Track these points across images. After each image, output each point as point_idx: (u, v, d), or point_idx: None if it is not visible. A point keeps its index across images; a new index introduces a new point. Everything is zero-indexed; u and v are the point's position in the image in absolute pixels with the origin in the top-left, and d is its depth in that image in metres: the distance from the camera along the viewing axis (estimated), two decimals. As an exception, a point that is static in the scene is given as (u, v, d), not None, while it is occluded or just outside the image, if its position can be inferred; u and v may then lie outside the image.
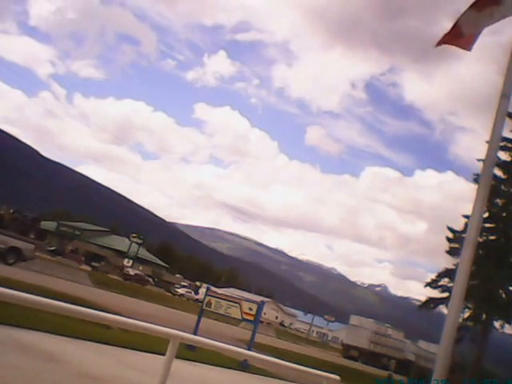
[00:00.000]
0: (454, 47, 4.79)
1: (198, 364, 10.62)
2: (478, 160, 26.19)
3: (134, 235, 67.46)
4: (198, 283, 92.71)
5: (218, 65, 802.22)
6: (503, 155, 27.03)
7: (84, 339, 9.05)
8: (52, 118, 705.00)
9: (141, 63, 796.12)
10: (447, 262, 28.48)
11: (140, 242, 67.34)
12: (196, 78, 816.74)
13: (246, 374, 12.19)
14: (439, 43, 4.78)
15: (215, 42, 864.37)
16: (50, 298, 3.37)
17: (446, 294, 27.66)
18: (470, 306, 27.50)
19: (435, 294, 29.30)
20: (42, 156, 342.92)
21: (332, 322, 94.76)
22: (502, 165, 26.93)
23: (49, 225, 77.05)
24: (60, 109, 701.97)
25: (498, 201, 27.79)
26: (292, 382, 11.32)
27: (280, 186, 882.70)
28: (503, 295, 27.87)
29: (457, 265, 21.10)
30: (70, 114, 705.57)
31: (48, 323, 8.69)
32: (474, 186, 22.74)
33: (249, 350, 11.76)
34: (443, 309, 28.59)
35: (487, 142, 5.07)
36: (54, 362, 6.95)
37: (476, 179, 25.14)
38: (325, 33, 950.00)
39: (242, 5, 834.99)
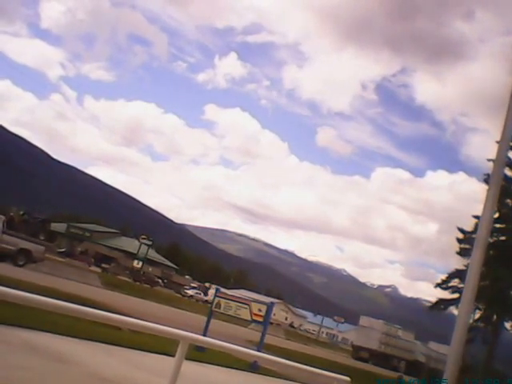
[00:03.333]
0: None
1: (207, 365, 10.61)
2: (489, 160, 26.00)
3: (144, 236, 67.58)
4: (207, 284, 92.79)
5: (229, 66, 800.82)
6: (514, 155, 26.81)
7: (94, 340, 9.06)
8: (63, 121, 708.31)
9: (151, 65, 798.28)
10: (458, 263, 28.32)
11: (149, 243, 67.45)
12: (207, 80, 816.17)
13: (255, 375, 12.17)
14: None
15: (226, 44, 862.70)
16: (60, 300, 3.38)
17: (456, 295, 27.49)
18: (480, 306, 27.30)
19: (445, 294, 29.14)
20: (52, 158, 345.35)
21: (341, 323, 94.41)
22: (513, 165, 26.70)
23: (59, 226, 77.43)
24: (71, 111, 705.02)
25: (509, 201, 27.56)
26: (302, 383, 11.28)
27: (290, 187, 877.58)
28: (514, 296, 27.63)
29: (467, 265, 20.94)
30: (81, 116, 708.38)
31: (58, 324, 8.72)
32: (485, 187, 22.57)
33: (258, 351, 11.74)
34: (454, 310, 28.44)
35: (497, 142, 5.03)
36: (63, 363, 6.97)
37: (486, 179, 24.97)
38: (336, 34, 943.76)
39: (252, 6, 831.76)
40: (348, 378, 5.53)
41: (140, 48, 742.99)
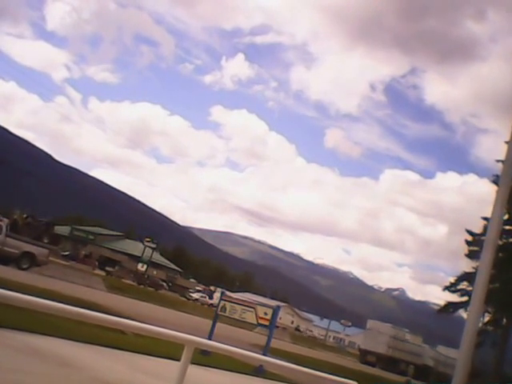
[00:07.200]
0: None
1: (212, 369, 10.54)
2: (498, 161, 25.81)
3: (148, 239, 67.67)
4: (212, 288, 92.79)
5: (236, 68, 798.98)
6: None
7: (98, 344, 9.00)
8: (67, 123, 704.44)
9: (158, 67, 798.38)
10: (467, 266, 28.18)
11: (154, 246, 67.53)
12: (213, 82, 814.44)
13: (261, 380, 12.08)
14: None
15: (233, 45, 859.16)
16: (64, 303, 3.33)
17: (465, 298, 27.32)
18: (489, 310, 27.11)
19: (454, 298, 29.00)
20: (55, 160, 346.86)
21: (348, 326, 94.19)
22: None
23: (62, 229, 77.66)
24: (75, 113, 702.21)
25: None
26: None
27: (297, 190, 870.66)
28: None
29: (476, 268, 20.78)
30: (86, 119, 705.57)
31: (62, 328, 8.67)
32: (494, 188, 22.40)
33: (264, 355, 11.66)
34: (463, 313, 28.24)
35: (506, 142, 4.95)
36: (68, 367, 6.92)
37: (495, 180, 24.78)
38: (345, 34, 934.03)
39: (260, 7, 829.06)
40: (355, 383, 5.45)
41: (146, 49, 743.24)
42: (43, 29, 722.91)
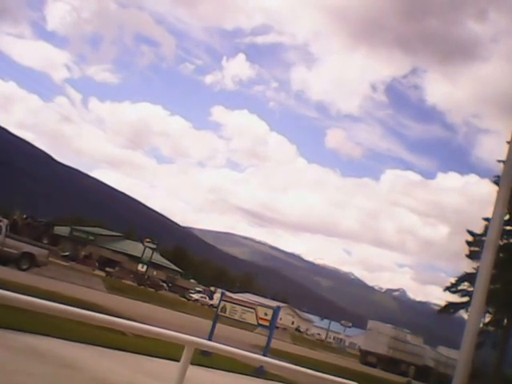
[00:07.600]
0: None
1: (212, 370, 10.53)
2: (499, 161, 25.77)
3: (148, 240, 67.59)
4: (212, 288, 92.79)
5: (237, 68, 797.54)
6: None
7: (98, 345, 8.99)
8: (67, 123, 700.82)
9: (158, 67, 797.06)
10: (468, 266, 28.19)
11: (154, 246, 67.46)
12: (214, 82, 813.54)
13: (261, 381, 12.07)
14: None
15: (234, 45, 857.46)
16: (64, 304, 3.32)
17: (466, 299, 27.31)
18: (490, 310, 27.10)
19: (455, 298, 29.00)
20: (55, 161, 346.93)
21: (349, 327, 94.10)
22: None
23: (62, 230, 77.73)
24: (76, 113, 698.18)
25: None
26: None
27: (298, 190, 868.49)
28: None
29: (477, 268, 20.77)
30: (86, 119, 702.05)
31: (62, 329, 8.67)
32: (496, 188, 22.37)
33: (264, 355, 11.65)
34: (463, 313, 28.24)
35: (508, 142, 4.94)
36: (68, 368, 6.91)
37: (496, 181, 24.76)
38: (346, 34, 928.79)
39: (261, 7, 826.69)
40: (356, 384, 5.44)
41: (146, 50, 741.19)
42: (43, 29, 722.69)
